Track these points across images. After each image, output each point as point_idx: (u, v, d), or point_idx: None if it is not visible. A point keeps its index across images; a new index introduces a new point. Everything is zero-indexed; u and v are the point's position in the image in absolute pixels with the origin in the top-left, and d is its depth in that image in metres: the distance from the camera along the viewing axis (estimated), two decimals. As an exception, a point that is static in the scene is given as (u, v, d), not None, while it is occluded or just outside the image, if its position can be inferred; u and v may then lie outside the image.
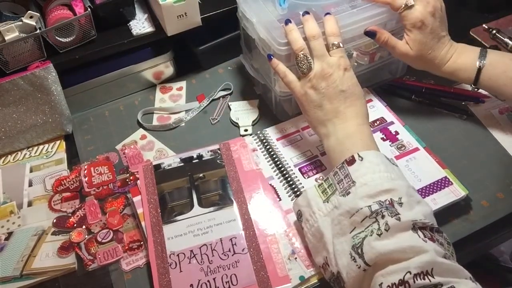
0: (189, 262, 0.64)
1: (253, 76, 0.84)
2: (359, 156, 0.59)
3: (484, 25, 0.95)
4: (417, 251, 0.48)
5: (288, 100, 0.79)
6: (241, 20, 0.80)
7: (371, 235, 0.52)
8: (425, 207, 0.55)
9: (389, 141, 0.76)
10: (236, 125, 0.83)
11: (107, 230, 0.70)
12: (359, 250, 0.52)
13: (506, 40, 0.91)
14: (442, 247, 0.51)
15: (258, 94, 0.88)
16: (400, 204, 0.54)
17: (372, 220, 0.53)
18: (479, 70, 0.71)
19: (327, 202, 0.59)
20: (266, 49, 0.74)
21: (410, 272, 0.47)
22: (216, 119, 0.86)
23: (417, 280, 0.46)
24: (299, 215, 0.63)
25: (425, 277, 0.46)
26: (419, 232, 0.51)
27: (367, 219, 0.53)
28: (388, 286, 0.48)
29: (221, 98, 0.89)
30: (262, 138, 0.79)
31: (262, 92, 0.87)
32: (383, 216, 0.52)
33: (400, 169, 0.61)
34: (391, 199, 0.54)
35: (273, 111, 0.84)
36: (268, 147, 0.77)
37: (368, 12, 0.72)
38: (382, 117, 0.80)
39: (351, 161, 0.59)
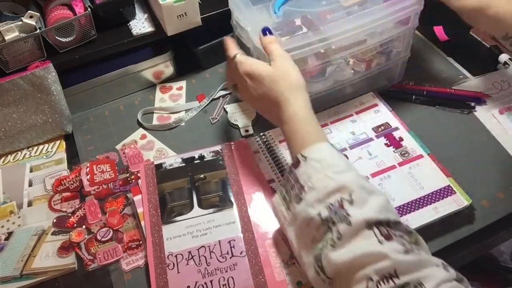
0: (187, 264, 0.64)
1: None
2: (302, 156, 0.56)
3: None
4: (373, 257, 0.46)
5: None
6: (235, 29, 0.79)
7: (327, 246, 0.50)
8: (379, 198, 0.52)
9: (393, 147, 0.75)
10: (236, 127, 0.83)
11: (107, 228, 0.70)
12: (319, 263, 0.50)
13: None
14: (402, 241, 0.48)
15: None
16: (351, 202, 0.50)
17: (325, 228, 0.51)
18: None
19: (289, 210, 0.57)
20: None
21: (371, 279, 0.45)
22: (216, 118, 0.86)
23: (380, 285, 0.45)
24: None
25: (389, 280, 0.45)
26: (375, 230, 0.48)
27: (321, 227, 0.51)
28: None
29: (221, 98, 0.89)
30: (265, 140, 0.79)
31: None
32: (333, 223, 0.50)
33: (346, 158, 0.58)
34: (341, 198, 0.51)
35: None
36: (270, 149, 0.77)
37: (364, 19, 0.71)
38: (387, 123, 0.79)
39: (296, 164, 0.56)
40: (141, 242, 0.69)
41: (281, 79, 0.61)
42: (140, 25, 0.88)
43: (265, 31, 0.67)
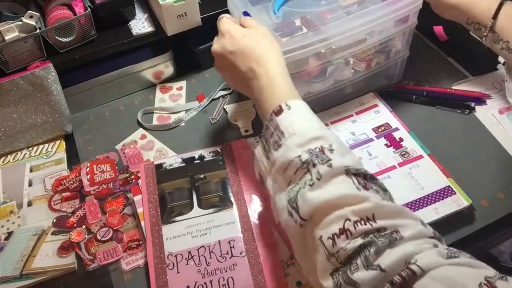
0: (187, 264, 0.64)
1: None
2: (287, 105, 0.56)
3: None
4: (352, 199, 0.46)
5: None
6: None
7: (304, 187, 0.49)
8: (355, 157, 0.53)
9: (393, 148, 0.75)
10: (236, 127, 0.83)
11: (107, 228, 0.70)
12: (294, 204, 0.49)
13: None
14: (379, 194, 0.48)
15: (253, 104, 0.87)
16: (331, 150, 0.51)
17: (304, 171, 0.50)
18: (501, 4, 0.70)
19: (268, 159, 0.56)
20: None
21: (349, 220, 0.44)
22: (216, 118, 0.86)
23: (357, 226, 0.44)
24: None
25: (367, 222, 0.44)
26: (353, 178, 0.48)
27: (299, 170, 0.50)
28: (329, 238, 0.45)
29: (221, 98, 0.89)
30: (264, 139, 0.79)
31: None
32: (314, 165, 0.49)
33: None
34: (321, 146, 0.51)
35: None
36: (269, 148, 0.77)
37: (363, 18, 0.71)
38: (387, 123, 0.79)
39: (278, 111, 0.56)
40: (141, 242, 0.69)
41: (263, 40, 0.63)
42: (140, 25, 0.88)
43: (245, 14, 0.70)
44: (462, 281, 0.38)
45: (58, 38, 0.81)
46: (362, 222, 0.44)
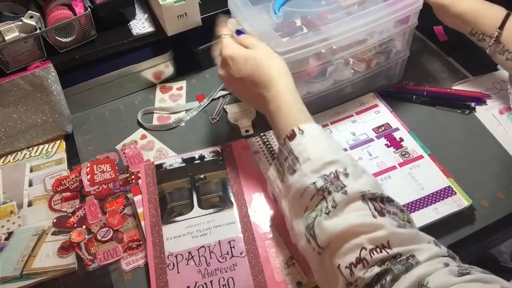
0: (187, 264, 0.64)
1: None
2: (299, 129, 0.56)
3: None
4: (369, 227, 0.46)
5: None
6: None
7: (320, 215, 0.49)
8: (371, 177, 0.53)
9: (393, 148, 0.75)
10: (236, 127, 0.83)
11: (107, 228, 0.70)
12: (312, 232, 0.50)
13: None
14: (395, 218, 0.48)
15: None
16: (346, 175, 0.51)
17: (319, 197, 0.50)
18: (508, 15, 0.70)
19: (283, 182, 0.57)
20: None
21: (365, 248, 0.45)
22: (216, 118, 0.86)
23: (374, 254, 0.44)
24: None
25: (382, 250, 0.44)
26: (369, 204, 0.48)
27: (315, 197, 0.51)
28: (347, 267, 0.45)
29: (221, 98, 0.89)
30: (265, 140, 0.79)
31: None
32: (329, 192, 0.50)
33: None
34: (336, 170, 0.51)
35: (269, 121, 0.83)
36: (270, 149, 0.77)
37: (364, 19, 0.71)
38: (388, 123, 0.79)
39: (291, 136, 0.56)
40: (141, 242, 0.69)
41: (267, 62, 0.62)
42: (140, 25, 0.88)
43: (239, 33, 0.69)
44: None
45: (58, 38, 0.81)
46: (378, 250, 0.45)
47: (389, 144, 0.76)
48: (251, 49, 0.64)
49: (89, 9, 0.81)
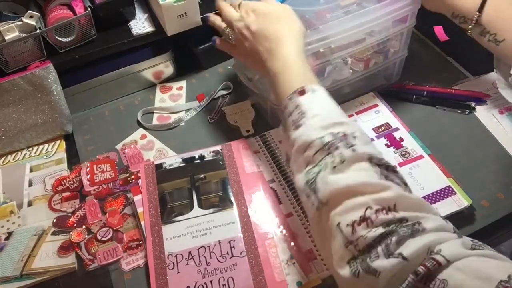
0: (187, 264, 0.64)
1: (247, 85, 0.83)
2: (311, 88, 0.56)
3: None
4: (375, 187, 0.45)
5: None
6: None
7: (325, 169, 0.48)
8: (377, 149, 0.51)
9: (393, 148, 0.75)
10: (236, 128, 0.83)
11: (107, 228, 0.70)
12: (313, 187, 0.48)
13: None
14: (399, 186, 0.47)
15: (252, 104, 0.87)
16: (354, 137, 0.50)
17: (325, 153, 0.49)
18: None
19: (288, 138, 0.56)
20: None
21: (370, 208, 0.43)
22: (214, 118, 0.86)
23: (379, 215, 0.43)
24: None
25: (388, 212, 0.43)
26: (376, 167, 0.47)
27: (320, 152, 0.49)
28: (348, 225, 0.44)
29: (220, 98, 0.89)
30: (265, 140, 0.79)
31: (256, 102, 0.86)
32: (337, 148, 0.48)
33: None
34: (344, 131, 0.50)
35: (268, 121, 0.83)
36: (270, 149, 0.77)
37: (362, 18, 0.71)
38: (388, 123, 0.79)
39: (302, 92, 0.56)
40: (141, 242, 0.69)
41: (287, 18, 0.64)
42: (140, 25, 0.88)
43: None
44: (489, 272, 0.37)
45: (58, 38, 0.81)
46: (384, 212, 0.43)
47: (389, 144, 0.76)
48: (273, 7, 0.66)
49: (89, 9, 0.81)
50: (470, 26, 0.70)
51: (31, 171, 0.80)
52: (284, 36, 0.62)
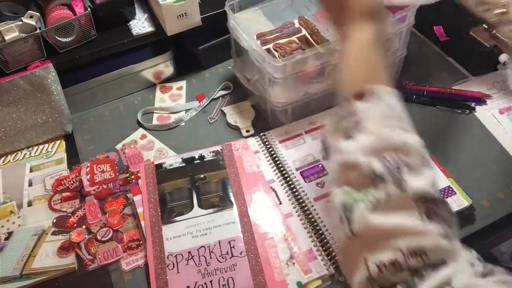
0: (187, 264, 0.64)
1: (246, 87, 0.83)
2: (373, 91, 0.48)
3: (484, 25, 0.95)
4: (412, 230, 0.43)
5: (284, 110, 0.78)
6: (232, 31, 0.79)
7: (364, 202, 0.44)
8: (432, 171, 0.47)
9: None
10: (236, 128, 0.83)
11: (107, 228, 0.70)
12: (348, 214, 0.45)
13: (506, 40, 0.90)
14: (443, 224, 0.44)
15: (252, 104, 0.86)
16: (408, 166, 0.45)
17: (368, 181, 0.45)
18: None
19: (338, 139, 0.50)
20: (260, 60, 0.72)
21: (402, 252, 0.41)
22: (214, 118, 0.86)
23: (409, 260, 0.41)
24: None
25: (419, 258, 0.41)
26: (421, 205, 0.44)
27: (365, 178, 0.45)
28: (376, 264, 0.42)
29: (220, 98, 0.89)
30: (265, 140, 0.78)
31: (256, 104, 0.86)
32: (384, 182, 0.44)
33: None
34: (399, 158, 0.45)
35: (268, 121, 0.83)
36: (270, 149, 0.77)
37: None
38: None
39: (360, 95, 0.48)
40: (141, 242, 0.69)
41: None
42: (140, 25, 0.88)
43: None
44: None
45: (58, 38, 0.81)
46: (414, 257, 0.42)
47: (389, 144, 0.76)
48: None
49: (89, 9, 0.81)
50: (496, 13, 0.67)
51: (31, 171, 0.80)
52: (380, 9, 0.53)
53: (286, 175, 0.73)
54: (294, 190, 0.71)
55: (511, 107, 0.81)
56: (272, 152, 0.76)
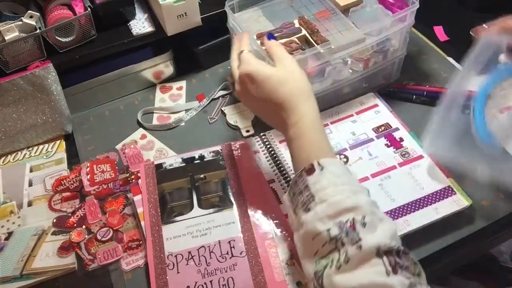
0: (187, 264, 0.64)
1: None
2: (319, 164, 0.52)
3: (484, 25, 0.95)
4: (379, 287, 0.44)
5: None
6: (232, 31, 0.79)
7: (331, 267, 0.47)
8: (389, 225, 0.50)
9: (393, 148, 0.75)
10: (236, 128, 0.83)
11: (107, 228, 0.70)
12: (320, 281, 0.48)
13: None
14: (407, 274, 0.46)
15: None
16: (363, 224, 0.48)
17: (331, 246, 0.48)
18: None
19: (295, 214, 0.54)
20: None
21: None
22: (214, 118, 0.86)
23: None
24: None
25: None
26: (384, 259, 0.46)
27: (327, 245, 0.48)
28: None
29: (220, 98, 0.89)
30: (265, 140, 0.79)
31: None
32: (342, 244, 0.47)
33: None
34: (353, 219, 0.48)
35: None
36: (270, 149, 0.77)
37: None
38: (387, 123, 0.79)
39: (309, 170, 0.53)
40: (141, 242, 0.69)
41: (290, 82, 0.58)
42: (140, 25, 0.88)
43: (269, 37, 0.66)
44: None
45: (58, 38, 0.81)
46: None
47: (389, 144, 0.76)
48: (275, 62, 0.61)
49: (89, 9, 0.81)
50: None
51: (31, 171, 0.80)
52: (291, 102, 0.57)
53: (286, 175, 0.73)
54: (294, 190, 0.71)
55: (510, 107, 0.80)
56: (272, 152, 0.76)
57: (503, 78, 0.74)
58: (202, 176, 0.74)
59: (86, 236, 0.70)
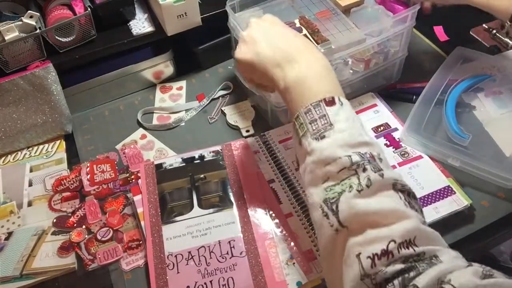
0: (187, 264, 0.64)
1: (246, 87, 0.83)
2: (340, 100, 0.52)
3: (484, 25, 0.95)
4: (399, 216, 0.44)
5: (284, 111, 0.78)
6: (232, 31, 0.79)
7: (350, 191, 0.46)
8: (397, 172, 0.50)
9: (393, 148, 0.75)
10: (236, 128, 0.83)
11: (107, 228, 0.70)
12: (334, 207, 0.46)
13: (506, 40, 0.91)
14: (419, 215, 0.46)
15: (252, 105, 0.86)
16: (380, 159, 0.49)
17: (351, 172, 0.47)
18: None
19: (300, 145, 0.53)
20: None
21: (394, 241, 0.42)
22: (214, 118, 0.86)
23: (401, 250, 0.42)
24: None
25: (409, 246, 0.42)
26: (400, 194, 0.46)
27: (345, 170, 0.47)
28: (369, 257, 0.42)
29: (220, 98, 0.89)
30: (265, 140, 0.78)
31: (256, 104, 0.86)
32: (364, 169, 0.46)
33: None
34: (371, 153, 0.48)
35: (269, 122, 0.83)
36: (270, 149, 0.77)
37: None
38: (387, 123, 0.79)
39: (330, 102, 0.52)
40: (141, 242, 0.69)
41: (292, 33, 0.60)
42: (140, 25, 0.88)
43: None
44: None
45: (58, 38, 0.81)
46: (405, 245, 0.42)
47: (388, 143, 0.76)
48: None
49: (89, 9, 0.81)
50: (507, 24, 0.72)
51: (31, 171, 0.80)
52: (309, 43, 0.58)
53: (286, 175, 0.73)
54: (294, 190, 0.71)
55: (500, 91, 0.80)
56: (272, 152, 0.76)
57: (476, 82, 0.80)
58: (202, 176, 0.74)
59: (86, 236, 0.70)
